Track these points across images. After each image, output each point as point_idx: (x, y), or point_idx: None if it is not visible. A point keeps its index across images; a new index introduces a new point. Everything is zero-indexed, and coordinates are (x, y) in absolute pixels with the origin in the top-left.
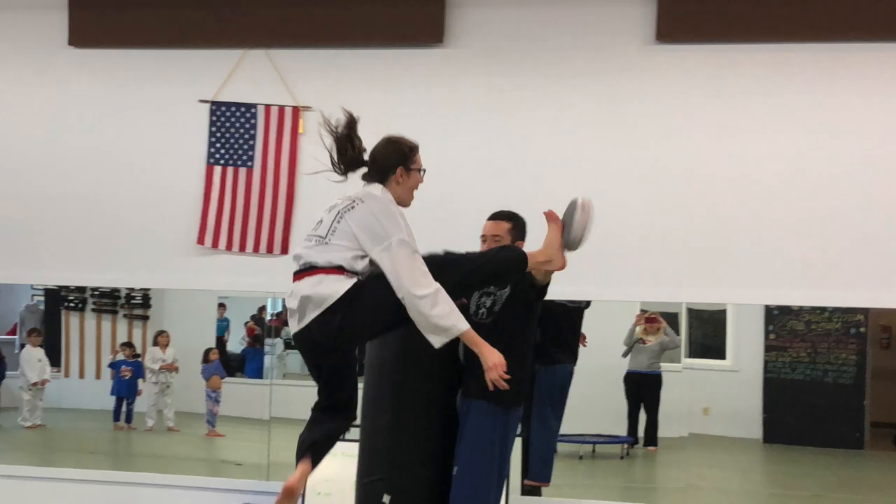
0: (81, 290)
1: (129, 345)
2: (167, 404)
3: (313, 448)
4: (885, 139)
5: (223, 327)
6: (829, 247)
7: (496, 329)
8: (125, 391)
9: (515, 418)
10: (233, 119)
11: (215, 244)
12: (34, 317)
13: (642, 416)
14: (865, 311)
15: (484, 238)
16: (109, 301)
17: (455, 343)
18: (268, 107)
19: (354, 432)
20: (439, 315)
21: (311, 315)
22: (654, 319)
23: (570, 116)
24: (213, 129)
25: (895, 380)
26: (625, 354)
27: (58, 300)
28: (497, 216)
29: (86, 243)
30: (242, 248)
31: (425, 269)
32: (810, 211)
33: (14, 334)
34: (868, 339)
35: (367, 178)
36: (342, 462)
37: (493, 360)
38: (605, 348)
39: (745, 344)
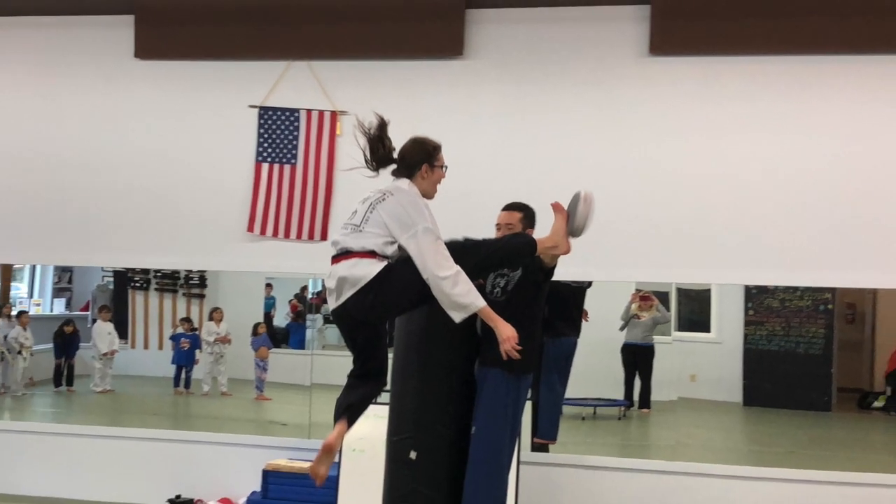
0: (146, 271)
1: (187, 320)
2: (221, 372)
3: (349, 410)
4: (849, 140)
5: (270, 304)
6: (801, 234)
7: (509, 306)
8: (184, 360)
9: (526, 384)
10: (278, 122)
11: (263, 231)
12: (104, 295)
13: (637, 383)
14: (833, 291)
15: (498, 226)
16: (170, 281)
17: (473, 318)
18: (309, 111)
19: (385, 397)
20: (459, 294)
21: (348, 294)
22: (648, 297)
23: (573, 120)
24: (261, 130)
25: (859, 350)
26: (622, 328)
27: (125, 281)
28: (510, 207)
29: (150, 231)
30: (287, 235)
31: (447, 253)
32: (784, 203)
33: (87, 311)
34: (835, 314)
35: (396, 173)
36: (374, 422)
37: (506, 334)
38: (604, 323)
39: (727, 319)
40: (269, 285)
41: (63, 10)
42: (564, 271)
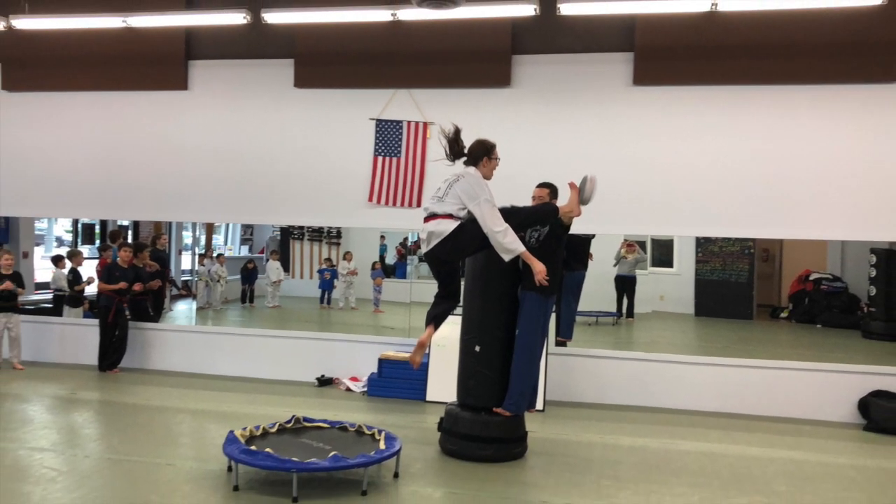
0: (301, 228)
1: (328, 259)
2: (351, 294)
3: (435, 319)
4: (766, 142)
5: (383, 249)
6: (733, 203)
7: (541, 250)
8: (327, 286)
9: (552, 302)
10: (389, 129)
11: (378, 201)
12: (274, 243)
13: (625, 302)
14: (753, 240)
15: (533, 198)
16: (317, 234)
17: (517, 259)
18: (409, 122)
19: (459, 310)
20: (508, 242)
21: (434, 242)
22: (632, 244)
23: (583, 128)
24: (377, 135)
25: (771, 279)
26: (614, 265)
27: (288, 233)
28: (541, 185)
29: (304, 201)
30: (394, 204)
31: (500, 215)
32: (723, 182)
33: (262, 253)
34: (755, 255)
35: (466, 163)
36: (452, 327)
37: (539, 269)
38: (603, 262)
39: (685, 259)
40: (382, 236)
41: (247, 55)
42: (577, 227)
